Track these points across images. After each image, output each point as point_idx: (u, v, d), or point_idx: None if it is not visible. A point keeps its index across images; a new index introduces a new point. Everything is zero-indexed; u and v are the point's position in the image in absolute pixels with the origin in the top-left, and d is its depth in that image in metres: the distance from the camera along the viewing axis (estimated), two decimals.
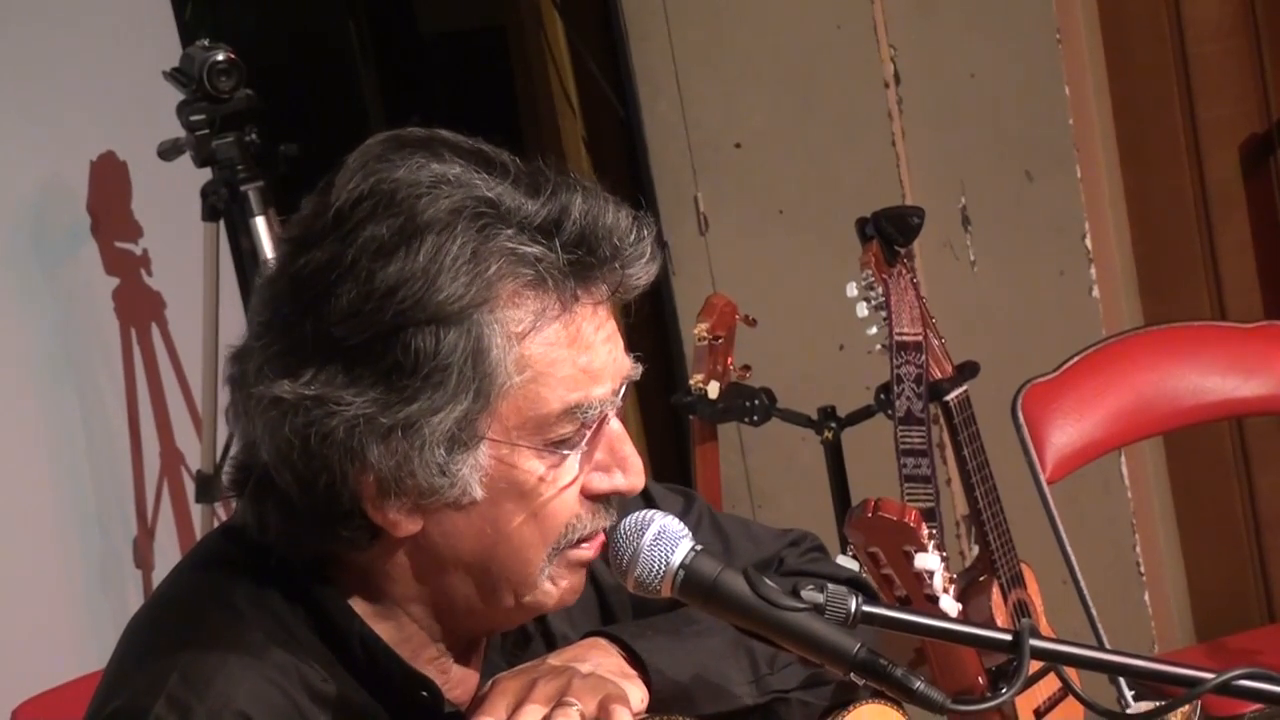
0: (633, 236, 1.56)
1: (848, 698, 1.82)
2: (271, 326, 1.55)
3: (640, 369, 1.62)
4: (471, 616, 1.63)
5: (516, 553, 1.59)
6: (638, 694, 1.65)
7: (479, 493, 1.55)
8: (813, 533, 1.96)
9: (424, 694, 1.62)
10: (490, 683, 1.62)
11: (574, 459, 1.58)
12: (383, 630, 1.62)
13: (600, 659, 1.66)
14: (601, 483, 1.60)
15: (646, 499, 1.79)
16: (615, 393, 1.59)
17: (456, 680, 1.68)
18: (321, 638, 1.60)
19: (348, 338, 1.51)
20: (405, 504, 1.55)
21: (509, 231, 1.52)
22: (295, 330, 1.53)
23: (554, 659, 1.65)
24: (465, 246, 1.51)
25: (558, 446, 1.56)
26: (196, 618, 1.60)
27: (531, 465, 1.56)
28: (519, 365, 1.53)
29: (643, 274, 1.59)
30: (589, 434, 1.58)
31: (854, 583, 1.92)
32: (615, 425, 1.61)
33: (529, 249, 1.52)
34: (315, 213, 1.56)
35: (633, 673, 1.66)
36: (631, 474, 1.61)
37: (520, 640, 1.72)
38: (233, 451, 1.62)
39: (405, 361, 1.50)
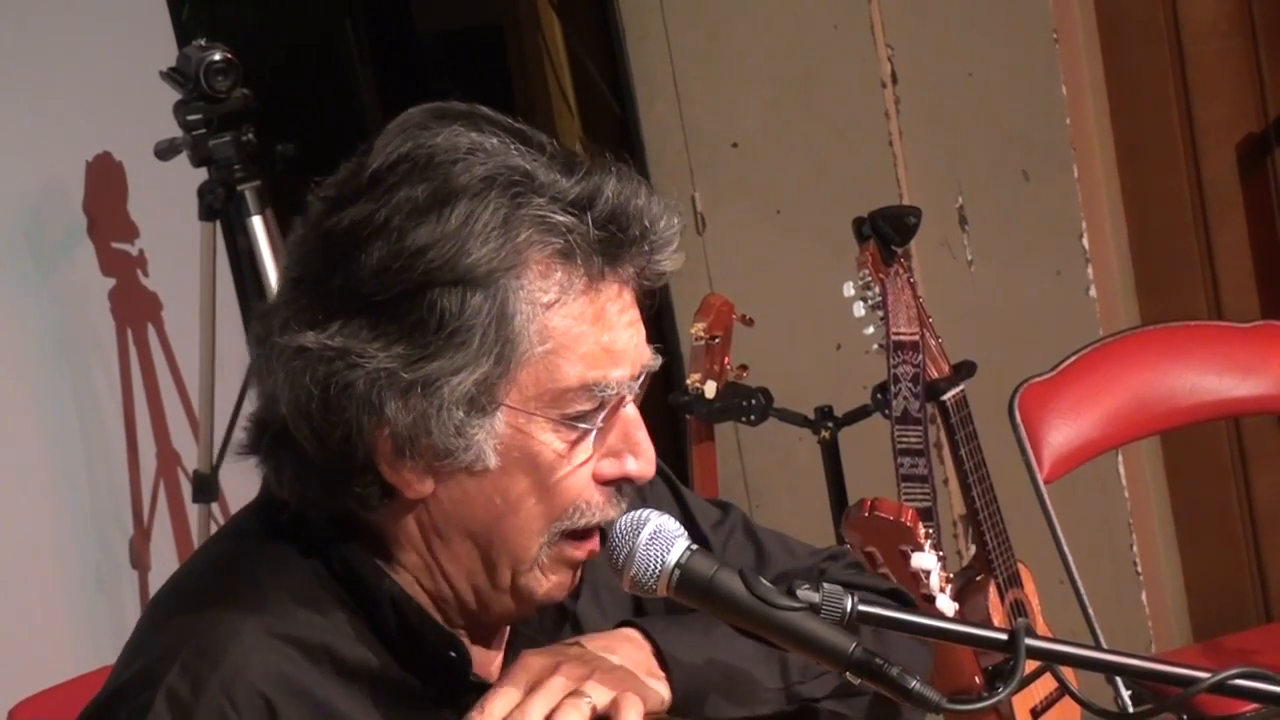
0: (663, 222, 1.58)
1: (889, 713, 1.80)
2: (301, 282, 1.57)
3: (660, 360, 1.63)
4: (474, 596, 1.63)
5: (522, 526, 1.59)
6: (660, 695, 1.64)
7: (493, 460, 1.56)
8: (849, 549, 1.96)
9: (452, 654, 1.63)
10: (518, 658, 1.62)
11: (589, 438, 1.58)
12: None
13: (631, 653, 1.66)
14: (612, 468, 1.61)
15: (683, 507, 1.81)
16: (634, 378, 1.60)
17: (477, 660, 1.67)
18: (349, 602, 1.61)
19: (375, 294, 1.52)
20: (419, 464, 1.56)
21: (541, 200, 1.54)
22: (324, 285, 1.55)
23: (585, 644, 1.65)
24: (497, 213, 1.53)
25: (574, 422, 1.57)
26: (216, 588, 1.61)
27: (547, 438, 1.57)
28: (542, 335, 1.54)
29: (669, 261, 1.60)
30: (605, 413, 1.58)
31: (895, 595, 1.91)
32: (631, 411, 1.62)
33: (560, 218, 1.54)
34: (351, 173, 1.58)
35: (660, 672, 1.66)
36: (643, 460, 1.62)
37: (554, 626, 1.73)
38: (252, 409, 1.63)
39: (430, 319, 1.52)
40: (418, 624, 1.62)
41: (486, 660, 1.70)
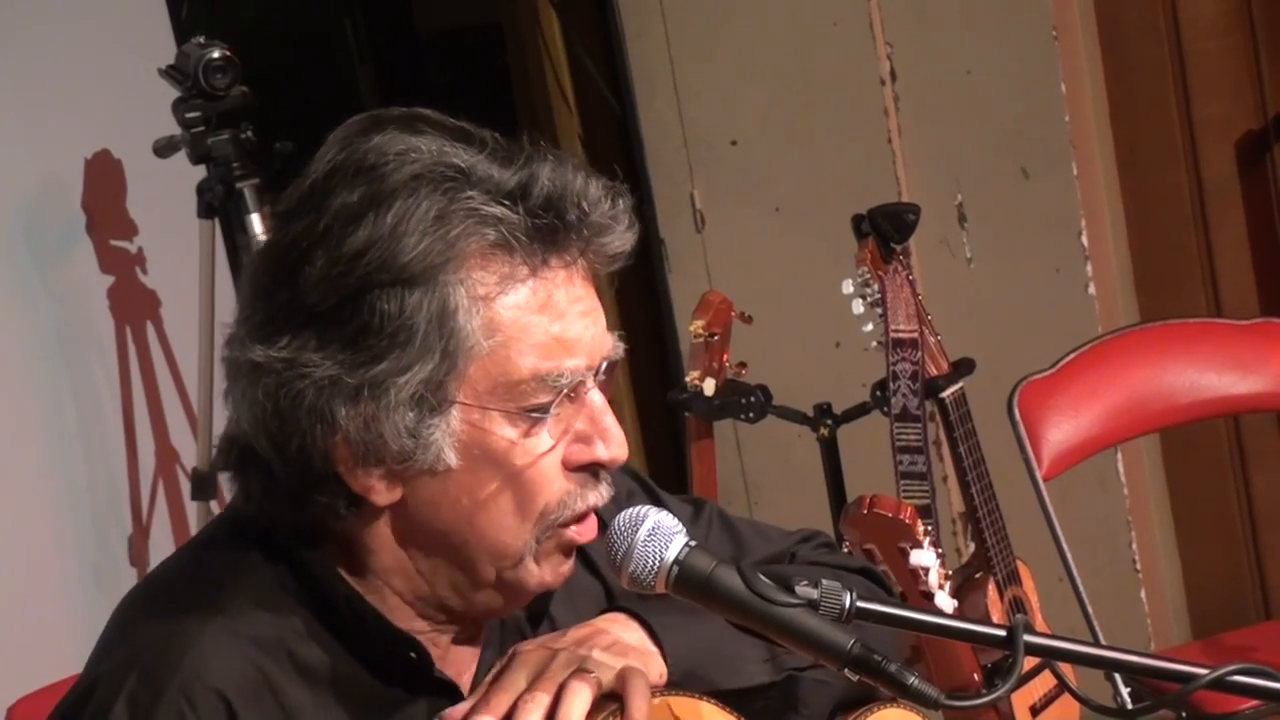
0: (606, 205, 1.58)
1: (869, 695, 1.81)
2: (255, 297, 1.59)
3: (622, 348, 1.63)
4: (455, 594, 1.63)
5: (495, 523, 1.59)
6: (656, 669, 1.65)
7: (453, 459, 1.56)
8: (823, 531, 1.97)
9: (411, 655, 1.63)
10: (510, 652, 1.63)
11: (547, 427, 1.58)
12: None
13: (621, 632, 1.66)
14: (581, 454, 1.61)
15: (657, 504, 1.80)
16: (591, 368, 1.59)
17: (451, 659, 1.68)
18: (308, 606, 1.61)
19: (319, 303, 1.54)
20: (381, 470, 1.56)
21: (472, 193, 1.54)
22: (273, 299, 1.57)
23: (574, 633, 1.65)
24: (430, 210, 1.53)
25: (530, 413, 1.57)
26: (178, 594, 1.62)
27: (504, 431, 1.57)
28: (487, 329, 1.54)
29: (618, 242, 1.60)
30: (561, 401, 1.58)
31: (865, 572, 1.93)
32: (597, 398, 1.61)
33: (491, 209, 1.54)
34: (296, 186, 1.60)
35: (653, 649, 1.67)
36: (613, 445, 1.61)
37: (529, 629, 1.73)
38: (224, 427, 1.65)
39: (371, 323, 1.53)
40: (374, 625, 1.62)
41: (463, 660, 1.70)
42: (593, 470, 1.62)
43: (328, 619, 1.61)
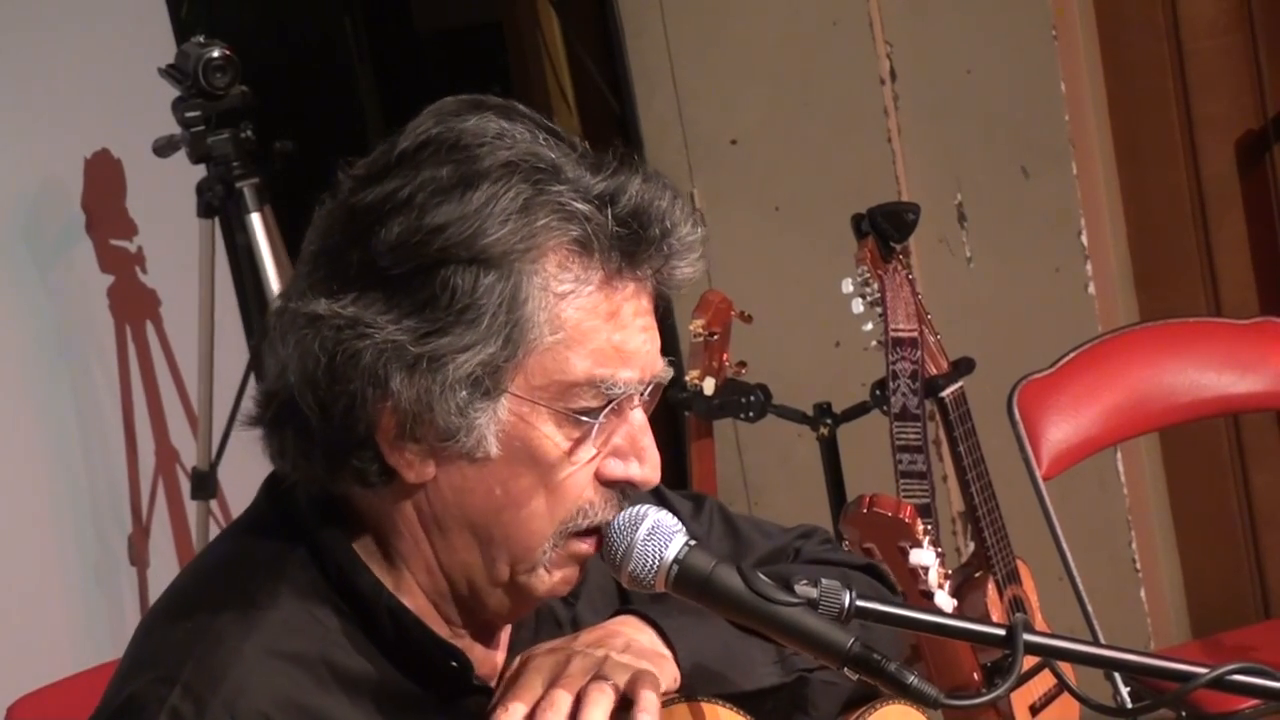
0: (685, 227, 1.60)
1: (872, 692, 1.81)
2: (321, 254, 1.59)
3: (670, 373, 1.64)
4: (470, 591, 1.63)
5: (523, 523, 1.59)
6: (670, 673, 1.65)
7: (494, 448, 1.56)
8: (823, 527, 1.97)
9: (453, 664, 1.63)
10: (520, 657, 1.63)
11: (591, 434, 1.58)
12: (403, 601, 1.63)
13: (634, 636, 1.66)
14: (616, 469, 1.61)
15: (660, 500, 1.80)
16: (643, 383, 1.60)
17: (479, 661, 1.68)
18: (347, 611, 1.61)
19: (391, 268, 1.54)
20: (421, 447, 1.57)
21: (561, 188, 1.56)
22: (343, 257, 1.57)
23: (587, 635, 1.65)
24: (518, 198, 1.54)
25: (578, 416, 1.57)
26: (214, 601, 1.61)
27: (549, 430, 1.57)
28: (553, 325, 1.55)
29: (688, 267, 1.61)
30: (609, 412, 1.59)
31: (870, 569, 1.93)
32: (639, 416, 1.62)
33: (580, 206, 1.55)
34: (381, 153, 1.61)
35: (666, 652, 1.67)
36: (648, 466, 1.62)
37: (551, 632, 1.73)
38: (263, 382, 1.64)
39: (442, 296, 1.54)
40: (417, 636, 1.62)
41: (488, 660, 1.70)
42: (621, 488, 1.62)
43: (365, 625, 1.61)
